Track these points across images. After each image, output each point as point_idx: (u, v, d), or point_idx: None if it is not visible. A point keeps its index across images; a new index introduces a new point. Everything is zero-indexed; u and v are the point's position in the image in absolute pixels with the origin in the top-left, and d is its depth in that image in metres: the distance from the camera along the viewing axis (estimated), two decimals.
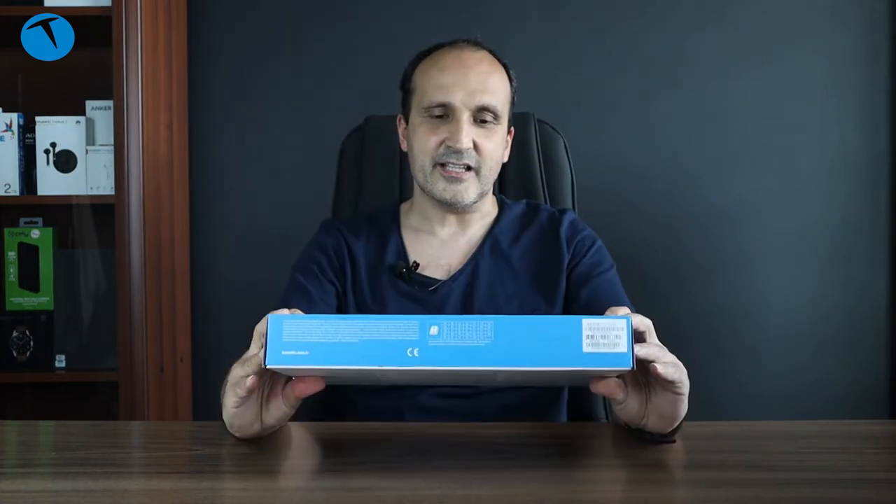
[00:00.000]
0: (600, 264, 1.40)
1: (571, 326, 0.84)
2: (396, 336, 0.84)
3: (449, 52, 1.38)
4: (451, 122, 1.34)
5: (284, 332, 0.84)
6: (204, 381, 2.20)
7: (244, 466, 0.93)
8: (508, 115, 1.41)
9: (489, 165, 1.36)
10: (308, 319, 0.85)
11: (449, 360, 0.83)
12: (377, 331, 0.84)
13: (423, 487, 0.84)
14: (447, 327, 0.83)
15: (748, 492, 0.85)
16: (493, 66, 1.38)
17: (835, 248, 2.23)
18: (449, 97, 1.33)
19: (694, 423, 1.16)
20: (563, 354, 0.83)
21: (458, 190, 1.35)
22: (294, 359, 0.84)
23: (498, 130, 1.37)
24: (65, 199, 2.12)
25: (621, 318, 0.84)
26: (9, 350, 2.16)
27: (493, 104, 1.34)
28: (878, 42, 2.22)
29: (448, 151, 1.33)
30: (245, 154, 2.25)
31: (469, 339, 0.83)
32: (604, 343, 0.83)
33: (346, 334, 0.84)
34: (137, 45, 2.01)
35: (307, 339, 0.84)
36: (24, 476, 0.91)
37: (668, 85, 2.22)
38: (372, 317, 0.85)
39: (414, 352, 0.83)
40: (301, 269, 1.41)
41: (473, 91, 1.33)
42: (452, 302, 1.38)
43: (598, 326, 0.84)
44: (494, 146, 1.36)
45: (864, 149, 2.23)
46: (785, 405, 2.21)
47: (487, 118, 1.34)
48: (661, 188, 2.22)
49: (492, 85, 1.35)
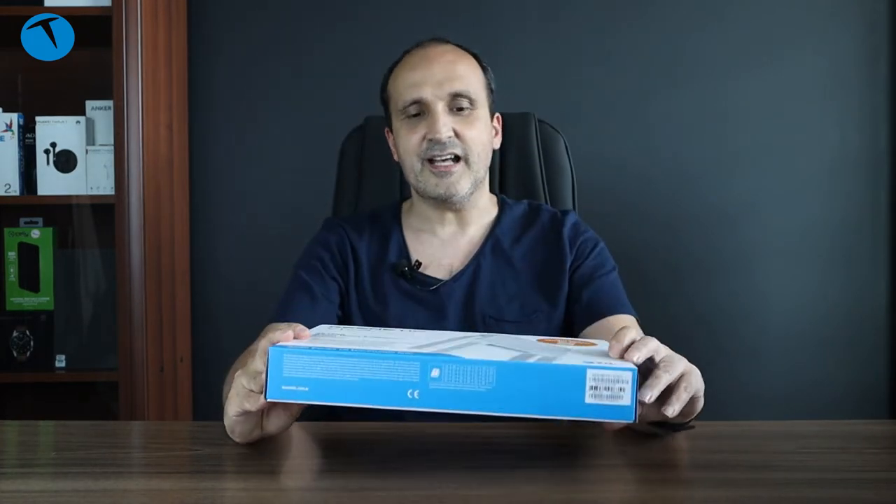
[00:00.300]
0: (602, 266, 1.40)
1: (575, 376, 0.82)
2: (397, 377, 0.83)
3: (415, 52, 1.40)
4: (429, 117, 1.35)
5: (285, 366, 0.84)
6: (204, 381, 2.20)
7: (244, 466, 0.93)
8: (489, 101, 1.41)
9: (476, 152, 1.36)
10: (309, 355, 0.84)
11: (449, 404, 0.82)
12: (378, 371, 0.83)
13: (423, 487, 0.84)
14: (448, 370, 0.82)
15: (748, 492, 0.85)
16: (458, 55, 1.39)
17: (835, 248, 2.23)
18: (419, 93, 1.34)
19: (694, 423, 1.16)
20: (565, 404, 0.82)
21: (450, 183, 1.35)
22: (294, 394, 0.84)
23: (478, 116, 1.37)
24: (65, 199, 2.12)
25: (627, 370, 0.82)
26: (9, 350, 2.16)
27: (463, 89, 1.35)
28: (878, 42, 2.22)
29: (431, 145, 1.34)
30: (245, 154, 2.25)
31: (470, 383, 0.82)
32: (607, 395, 0.82)
33: (347, 372, 0.83)
34: (137, 45, 2.01)
35: (307, 374, 0.84)
36: (24, 476, 0.91)
37: (668, 85, 2.22)
38: (374, 355, 0.84)
39: (414, 393, 0.82)
40: (304, 265, 1.42)
41: (441, 81, 1.34)
42: (454, 302, 1.38)
43: (602, 377, 0.82)
44: (477, 132, 1.36)
45: (864, 149, 2.23)
46: (785, 405, 2.21)
47: (463, 105, 1.35)
48: (661, 188, 2.22)
49: (459, 71, 1.36)
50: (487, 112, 1.41)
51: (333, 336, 0.95)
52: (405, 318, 1.38)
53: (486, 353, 0.86)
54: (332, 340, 0.91)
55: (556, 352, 0.91)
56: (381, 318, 1.39)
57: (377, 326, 1.38)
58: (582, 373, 0.82)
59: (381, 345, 0.89)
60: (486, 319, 1.37)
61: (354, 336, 0.96)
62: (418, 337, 0.98)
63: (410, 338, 0.96)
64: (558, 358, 0.86)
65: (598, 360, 0.85)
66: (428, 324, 1.37)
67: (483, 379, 0.82)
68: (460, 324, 1.37)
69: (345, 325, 1.42)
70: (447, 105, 1.35)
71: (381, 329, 1.05)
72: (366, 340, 0.92)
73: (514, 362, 0.83)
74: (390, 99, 1.42)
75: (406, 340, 0.94)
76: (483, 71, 1.42)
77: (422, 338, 0.96)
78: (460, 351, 0.87)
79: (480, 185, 1.41)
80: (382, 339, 0.94)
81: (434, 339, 0.96)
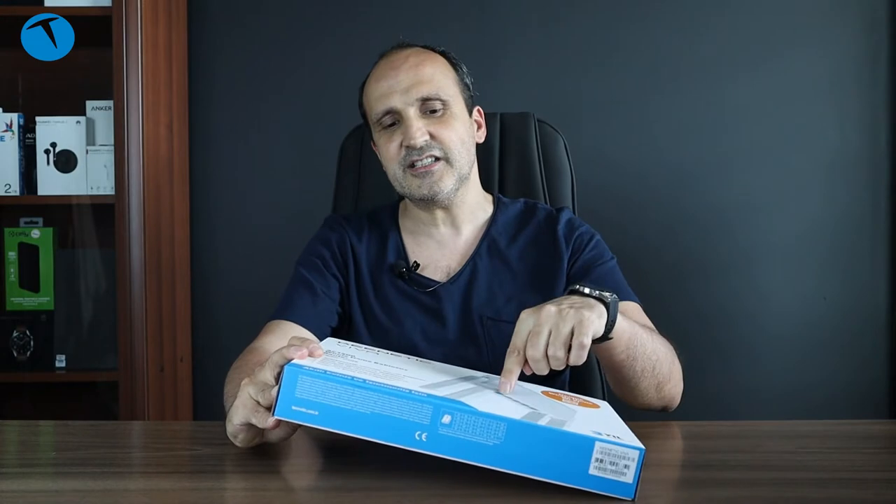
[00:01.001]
0: (601, 256, 1.40)
1: (583, 446, 0.82)
2: (408, 416, 0.82)
3: (380, 63, 1.41)
4: (403, 125, 1.35)
5: (298, 387, 0.83)
6: (204, 381, 2.20)
7: (244, 466, 0.93)
8: (463, 97, 1.41)
9: (455, 150, 1.36)
10: (324, 379, 0.84)
11: (455, 452, 0.82)
12: (390, 407, 0.83)
13: (423, 487, 0.84)
14: (460, 419, 0.82)
15: (748, 492, 0.85)
16: (421, 57, 1.38)
17: (834, 249, 2.23)
18: (389, 102, 1.35)
19: (694, 422, 1.16)
20: (568, 471, 0.82)
21: (433, 182, 1.36)
22: (303, 416, 0.84)
23: (452, 115, 1.37)
24: (65, 199, 2.12)
25: (635, 449, 0.82)
26: (9, 350, 2.16)
27: (431, 93, 1.35)
28: (878, 42, 2.22)
29: (409, 151, 1.35)
30: (245, 154, 2.25)
31: (479, 435, 0.82)
32: (611, 469, 0.82)
33: (359, 404, 0.83)
34: (137, 45, 2.01)
35: (319, 399, 0.83)
36: (24, 476, 0.91)
37: (668, 85, 2.22)
38: (388, 391, 0.83)
39: (422, 436, 0.82)
40: (305, 263, 1.43)
41: (408, 88, 1.34)
42: (451, 304, 1.39)
43: (609, 452, 0.82)
44: (453, 131, 1.36)
45: (864, 149, 2.23)
46: (784, 405, 2.21)
47: (436, 107, 1.35)
48: (660, 188, 2.22)
49: (425, 75, 1.36)
50: (463, 108, 1.41)
51: (345, 357, 0.95)
52: (405, 318, 1.39)
53: (498, 407, 0.86)
54: (346, 364, 0.91)
55: (565, 413, 0.91)
56: (381, 319, 1.39)
57: (377, 327, 1.39)
58: (590, 444, 0.82)
59: (394, 378, 0.89)
60: (485, 321, 1.37)
61: (366, 361, 0.96)
62: (427, 372, 0.98)
63: (420, 372, 0.96)
64: (568, 422, 0.86)
65: (606, 432, 0.85)
66: (426, 324, 1.38)
67: (493, 433, 0.82)
68: (458, 325, 1.38)
69: (346, 323, 1.42)
70: (419, 110, 1.35)
71: (391, 355, 1.05)
72: (378, 370, 0.91)
73: (525, 422, 0.83)
74: (367, 113, 1.43)
75: (417, 375, 0.94)
76: (454, 68, 1.41)
77: (430, 375, 0.96)
78: (471, 398, 0.87)
79: (466, 181, 1.40)
80: (395, 371, 0.93)
81: (442, 378, 0.96)
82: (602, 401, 1.07)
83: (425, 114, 1.35)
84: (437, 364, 1.07)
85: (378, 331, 1.39)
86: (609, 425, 0.90)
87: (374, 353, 1.04)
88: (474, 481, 0.84)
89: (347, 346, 1.04)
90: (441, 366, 1.07)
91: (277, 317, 1.35)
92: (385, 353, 1.04)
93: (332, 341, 1.04)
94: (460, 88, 1.41)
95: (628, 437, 0.86)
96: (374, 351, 1.05)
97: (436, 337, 1.37)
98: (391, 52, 1.41)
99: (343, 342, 1.06)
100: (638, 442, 0.85)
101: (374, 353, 1.04)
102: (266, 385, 0.90)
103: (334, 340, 1.05)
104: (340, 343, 1.05)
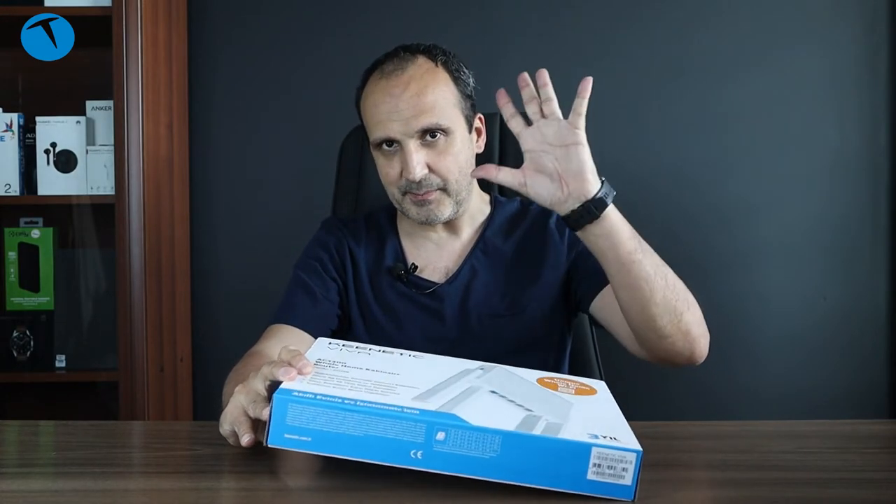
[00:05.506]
0: None
1: (580, 452, 0.82)
2: (402, 436, 0.82)
3: (377, 82, 1.34)
4: (402, 153, 1.32)
5: (288, 415, 0.83)
6: (204, 381, 2.20)
7: (244, 466, 0.93)
8: (465, 113, 1.36)
9: (454, 177, 1.34)
10: (313, 406, 0.83)
11: (451, 467, 0.82)
12: (383, 428, 0.82)
13: (423, 487, 0.84)
14: (454, 435, 0.82)
15: (748, 492, 0.85)
16: (424, 82, 1.31)
17: (835, 248, 2.23)
18: (388, 132, 1.31)
19: (694, 422, 1.16)
20: (567, 477, 0.82)
21: (430, 210, 1.35)
22: (296, 443, 0.83)
23: (452, 141, 1.33)
24: (65, 199, 2.13)
25: (632, 451, 0.82)
26: (9, 350, 2.17)
27: (432, 123, 1.30)
28: (878, 42, 2.22)
29: (408, 183, 1.32)
30: (245, 154, 2.25)
31: (475, 449, 0.82)
32: (609, 473, 0.82)
33: (351, 427, 0.82)
34: (137, 45, 2.01)
35: (311, 425, 0.83)
36: (24, 476, 0.91)
37: (668, 85, 2.22)
38: (380, 412, 0.82)
39: (417, 454, 0.82)
40: (303, 266, 1.43)
41: (408, 119, 1.30)
42: (450, 304, 1.40)
43: (606, 456, 0.82)
44: (452, 159, 1.33)
45: (864, 149, 2.23)
46: (784, 405, 2.21)
47: (436, 135, 1.32)
48: (660, 188, 2.22)
49: (427, 104, 1.30)
50: (464, 126, 1.36)
51: (335, 366, 0.94)
52: (405, 320, 1.40)
53: (491, 417, 0.85)
54: (336, 378, 0.90)
55: (561, 412, 0.90)
56: (381, 321, 1.40)
57: (377, 329, 1.39)
58: (587, 450, 0.82)
59: (386, 389, 0.88)
60: (483, 318, 1.38)
61: (357, 369, 0.94)
62: (420, 374, 0.97)
63: (413, 375, 0.95)
64: (564, 425, 0.86)
65: (603, 433, 0.85)
66: (427, 325, 1.39)
67: (488, 446, 0.82)
68: (458, 324, 1.39)
69: (346, 326, 1.42)
70: (418, 140, 1.31)
71: (384, 353, 1.04)
72: (369, 382, 0.90)
73: (519, 433, 0.82)
74: (364, 125, 1.39)
75: (410, 380, 0.93)
76: (455, 81, 1.35)
77: (424, 377, 0.95)
78: (465, 406, 0.87)
79: (465, 200, 1.39)
80: (387, 378, 0.93)
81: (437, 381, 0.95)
82: (599, 381, 1.06)
83: (425, 140, 1.31)
84: (431, 358, 1.05)
85: (378, 333, 1.39)
86: (606, 421, 0.90)
87: (367, 354, 1.02)
88: (474, 481, 0.84)
89: (338, 348, 1.02)
90: (435, 360, 1.05)
91: (278, 321, 1.35)
92: (378, 353, 1.03)
93: (322, 344, 1.03)
94: (462, 107, 1.36)
95: (626, 435, 0.86)
96: (367, 351, 1.03)
97: (436, 337, 1.38)
98: (389, 69, 1.33)
99: (334, 343, 1.05)
100: (635, 441, 0.84)
101: (367, 354, 1.02)
102: (258, 395, 0.91)
103: (325, 342, 1.04)
104: (332, 345, 1.03)
